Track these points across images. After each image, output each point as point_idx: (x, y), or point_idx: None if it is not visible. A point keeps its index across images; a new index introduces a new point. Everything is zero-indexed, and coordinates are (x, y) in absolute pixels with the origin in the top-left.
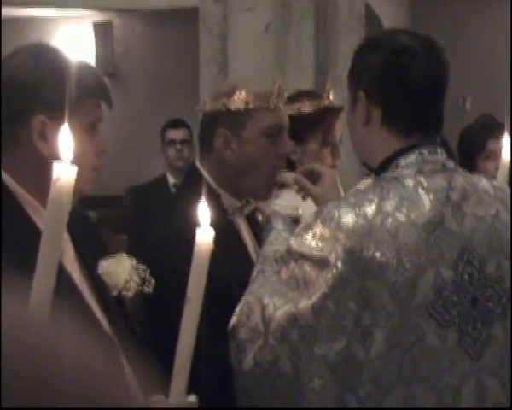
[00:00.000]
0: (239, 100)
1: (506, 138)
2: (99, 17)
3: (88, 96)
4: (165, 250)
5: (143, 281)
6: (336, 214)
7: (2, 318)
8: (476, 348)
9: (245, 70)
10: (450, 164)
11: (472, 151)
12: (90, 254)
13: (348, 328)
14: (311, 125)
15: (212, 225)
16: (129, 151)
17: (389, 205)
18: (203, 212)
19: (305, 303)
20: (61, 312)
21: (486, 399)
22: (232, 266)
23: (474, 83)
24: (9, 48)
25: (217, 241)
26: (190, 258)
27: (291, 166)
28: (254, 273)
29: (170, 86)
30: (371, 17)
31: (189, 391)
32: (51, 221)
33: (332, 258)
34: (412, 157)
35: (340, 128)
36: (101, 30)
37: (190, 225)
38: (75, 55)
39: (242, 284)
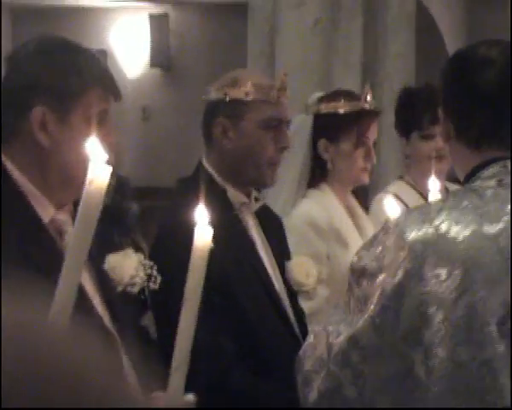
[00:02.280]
0: (240, 90)
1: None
2: (155, 9)
3: (91, 86)
4: (165, 248)
5: (149, 277)
6: (401, 225)
7: (3, 315)
8: None
9: (293, 66)
10: None
11: None
12: (96, 248)
13: (411, 341)
14: (346, 126)
15: (218, 221)
16: (183, 143)
17: (461, 217)
18: (201, 211)
19: (363, 319)
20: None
21: None
22: (238, 262)
23: None
24: (67, 37)
25: (222, 237)
26: (190, 256)
27: (322, 164)
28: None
29: None
30: (424, 16)
31: (188, 388)
32: (83, 222)
33: (393, 268)
34: (495, 168)
35: (375, 132)
36: (157, 22)
37: (191, 225)
38: (85, 45)
39: (249, 279)
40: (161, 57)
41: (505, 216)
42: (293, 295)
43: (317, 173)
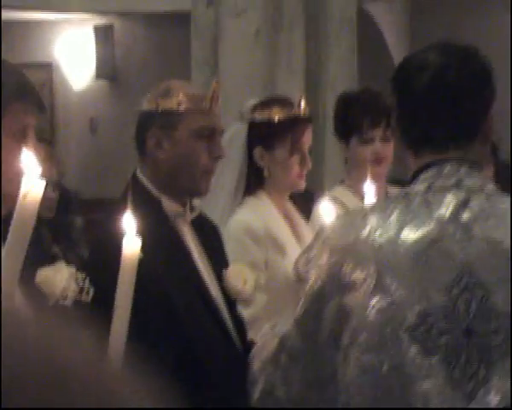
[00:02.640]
0: (172, 101)
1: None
2: (100, 21)
3: (13, 101)
4: (97, 261)
5: (82, 290)
6: (327, 230)
7: None
8: (469, 385)
9: (236, 74)
10: (472, 182)
11: None
12: (25, 261)
13: (332, 346)
14: (280, 133)
15: (153, 232)
16: (131, 154)
17: (384, 222)
18: (129, 222)
19: (290, 322)
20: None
21: None
22: (174, 273)
23: None
24: (12, 51)
25: (158, 248)
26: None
27: (258, 172)
28: None
29: None
30: (366, 21)
31: None
32: (16, 236)
33: (317, 272)
34: (429, 173)
35: (310, 138)
36: (102, 33)
37: (122, 236)
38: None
39: (186, 289)
40: (107, 68)
41: (428, 222)
42: (231, 303)
43: (254, 181)
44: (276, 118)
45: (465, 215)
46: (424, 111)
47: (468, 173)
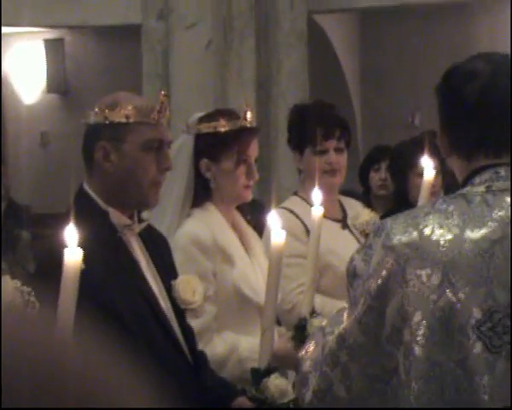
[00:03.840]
0: (120, 113)
1: (426, 158)
2: (50, 34)
3: None
4: (42, 274)
5: (27, 303)
6: (387, 228)
7: None
8: None
9: (187, 86)
10: None
11: (403, 168)
12: None
13: (393, 342)
14: (226, 145)
15: (101, 244)
16: (81, 168)
17: (445, 221)
18: (71, 233)
19: (349, 319)
20: None
21: None
22: (122, 284)
23: (423, 99)
24: None
25: (105, 260)
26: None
27: (205, 183)
28: None
29: None
30: (318, 34)
31: None
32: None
33: (378, 269)
34: (485, 175)
35: (256, 149)
36: (53, 47)
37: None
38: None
39: (135, 300)
40: (58, 82)
41: (491, 222)
42: (180, 313)
43: (201, 193)
44: (222, 129)
45: None
46: (478, 118)
47: None
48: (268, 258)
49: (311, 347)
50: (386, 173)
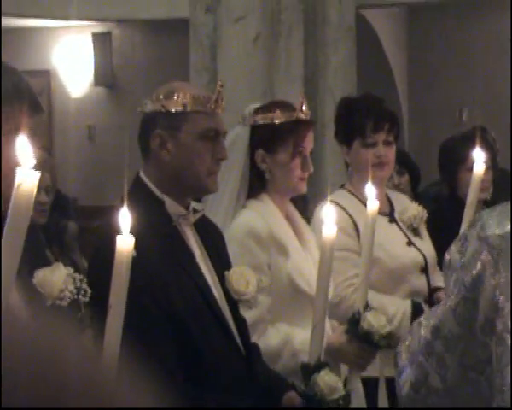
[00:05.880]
0: (177, 102)
1: (477, 152)
2: (98, 28)
3: (9, 100)
4: (98, 262)
5: (79, 290)
6: (483, 220)
7: None
8: None
9: (235, 80)
10: None
11: (453, 163)
12: (22, 262)
13: (487, 332)
14: (282, 136)
15: (156, 233)
16: (129, 161)
17: None
18: (124, 219)
19: (444, 310)
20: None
21: None
22: (177, 274)
23: (471, 95)
24: (10, 58)
25: (161, 249)
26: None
27: (260, 175)
28: None
29: None
30: (366, 29)
31: None
32: (13, 227)
33: (472, 260)
34: None
35: (312, 141)
36: (101, 40)
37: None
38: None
39: (189, 290)
40: (105, 76)
41: None
42: (234, 305)
43: (256, 184)
44: (278, 121)
45: None
46: None
47: None
48: (319, 251)
49: (408, 340)
50: (399, 178)
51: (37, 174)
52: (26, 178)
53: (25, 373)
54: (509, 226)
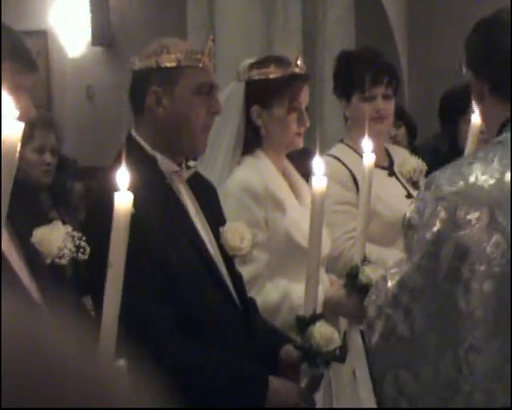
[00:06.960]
0: (170, 57)
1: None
2: None
3: (6, 60)
4: (92, 219)
5: (78, 248)
6: (437, 180)
7: None
8: None
9: (233, 36)
10: None
11: (453, 114)
12: (23, 222)
13: (451, 281)
14: (278, 91)
15: (150, 190)
16: (127, 121)
17: (487, 168)
18: (122, 178)
19: (409, 265)
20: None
21: None
22: (171, 230)
23: None
24: (6, 18)
25: (154, 206)
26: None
27: (256, 131)
28: None
29: None
30: None
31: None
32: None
33: (431, 219)
34: None
35: (307, 95)
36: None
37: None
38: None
39: (183, 247)
40: (103, 35)
41: None
42: (229, 260)
43: (251, 140)
44: (273, 76)
45: None
46: None
47: None
48: (310, 204)
49: (374, 294)
50: (395, 131)
51: (21, 125)
52: (11, 131)
53: (24, 373)
54: (461, 183)
